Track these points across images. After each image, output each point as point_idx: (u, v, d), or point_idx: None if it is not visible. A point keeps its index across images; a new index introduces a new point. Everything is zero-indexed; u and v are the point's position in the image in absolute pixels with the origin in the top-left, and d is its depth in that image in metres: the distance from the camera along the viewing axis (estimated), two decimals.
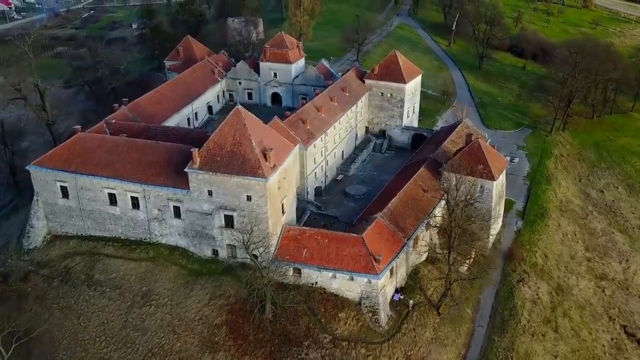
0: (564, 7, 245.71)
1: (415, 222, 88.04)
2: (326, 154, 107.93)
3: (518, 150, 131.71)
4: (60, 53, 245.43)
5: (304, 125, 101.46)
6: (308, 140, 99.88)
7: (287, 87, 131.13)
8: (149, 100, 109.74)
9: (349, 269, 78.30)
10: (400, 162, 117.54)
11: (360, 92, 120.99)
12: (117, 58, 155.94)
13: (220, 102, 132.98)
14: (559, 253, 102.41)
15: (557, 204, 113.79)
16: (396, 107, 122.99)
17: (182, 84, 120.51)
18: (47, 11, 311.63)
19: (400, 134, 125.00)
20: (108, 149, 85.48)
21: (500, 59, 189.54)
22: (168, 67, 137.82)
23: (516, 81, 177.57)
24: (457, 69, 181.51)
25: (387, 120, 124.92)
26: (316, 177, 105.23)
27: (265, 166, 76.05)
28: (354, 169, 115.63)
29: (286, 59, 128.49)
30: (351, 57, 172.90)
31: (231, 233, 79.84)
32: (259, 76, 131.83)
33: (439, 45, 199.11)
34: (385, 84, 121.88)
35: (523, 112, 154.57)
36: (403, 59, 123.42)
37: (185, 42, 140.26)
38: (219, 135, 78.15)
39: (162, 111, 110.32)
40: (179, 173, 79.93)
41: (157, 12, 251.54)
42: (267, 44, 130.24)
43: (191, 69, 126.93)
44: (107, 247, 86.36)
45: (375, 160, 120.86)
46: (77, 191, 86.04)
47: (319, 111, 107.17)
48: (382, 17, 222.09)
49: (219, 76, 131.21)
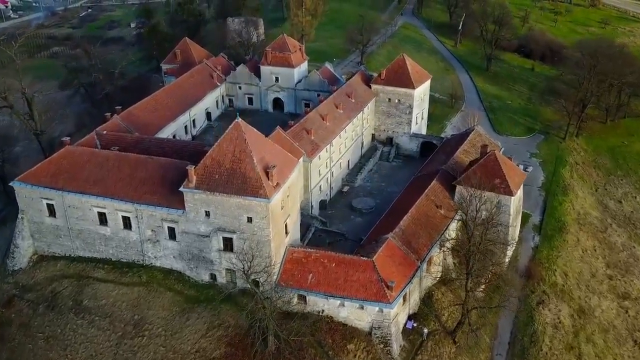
0: (571, 5, 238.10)
1: (428, 241, 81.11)
2: (331, 165, 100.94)
3: (531, 158, 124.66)
4: (57, 53, 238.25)
5: (308, 135, 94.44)
6: (313, 152, 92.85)
7: (290, 92, 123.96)
8: (144, 108, 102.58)
9: (359, 296, 71.27)
10: (409, 171, 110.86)
11: (366, 98, 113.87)
12: (113, 60, 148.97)
13: (220, 108, 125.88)
14: (579, 271, 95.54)
15: (575, 216, 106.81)
16: (404, 113, 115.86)
17: (179, 90, 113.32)
18: (44, 10, 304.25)
19: (409, 141, 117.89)
20: (98, 164, 78.42)
21: (507, 60, 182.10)
22: (165, 70, 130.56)
23: (525, 83, 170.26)
24: (464, 70, 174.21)
25: (395, 127, 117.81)
26: (321, 190, 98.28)
27: (267, 185, 69.04)
28: (360, 179, 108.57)
29: (288, 62, 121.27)
30: (355, 59, 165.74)
31: (230, 257, 72.94)
32: (260, 80, 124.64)
33: (444, 46, 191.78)
34: (393, 89, 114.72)
35: (534, 116, 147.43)
36: (411, 63, 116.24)
37: (183, 44, 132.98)
38: (217, 151, 71.09)
39: (158, 119, 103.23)
40: (174, 191, 72.89)
41: (156, 11, 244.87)
42: (269, 47, 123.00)
43: (189, 73, 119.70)
44: (97, 269, 79.32)
45: (382, 169, 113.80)
46: (64, 209, 79.05)
47: (324, 120, 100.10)
48: (385, 16, 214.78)
49: (218, 80, 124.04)
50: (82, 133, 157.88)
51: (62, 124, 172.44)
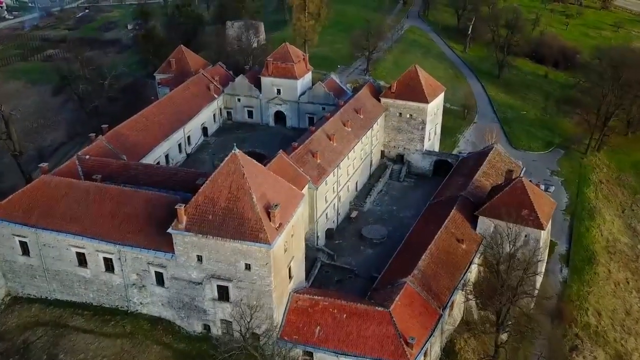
0: (582, 8, 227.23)
1: (450, 283, 70.99)
2: (339, 189, 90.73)
3: (552, 177, 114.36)
4: (51, 56, 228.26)
5: (313, 158, 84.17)
6: (319, 178, 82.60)
7: (293, 105, 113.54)
8: (133, 127, 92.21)
9: (374, 355, 60.94)
10: (422, 192, 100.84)
11: (375, 113, 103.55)
12: (105, 68, 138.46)
13: (217, 122, 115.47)
14: (612, 308, 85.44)
15: (604, 244, 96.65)
16: (416, 129, 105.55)
17: (172, 104, 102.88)
18: (39, 10, 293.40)
19: (421, 159, 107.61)
20: (76, 198, 68.05)
21: (519, 66, 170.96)
22: (159, 80, 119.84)
23: (539, 91, 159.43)
24: (474, 77, 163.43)
25: (406, 143, 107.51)
26: (327, 217, 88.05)
27: (268, 228, 58.82)
28: (370, 202, 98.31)
29: (291, 74, 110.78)
30: (360, 66, 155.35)
31: (226, 308, 62.84)
32: (261, 93, 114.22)
33: (453, 51, 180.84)
34: (404, 103, 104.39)
35: (551, 128, 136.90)
36: (424, 75, 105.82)
37: (178, 52, 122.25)
38: (211, 187, 60.83)
39: (149, 139, 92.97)
40: (162, 231, 62.66)
41: (153, 12, 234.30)
42: (270, 56, 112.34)
43: (183, 85, 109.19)
44: (76, 316, 68.98)
45: (393, 190, 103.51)
46: (39, 248, 68.83)
47: (331, 140, 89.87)
48: (390, 19, 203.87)
49: (216, 92, 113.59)
50: (74, 142, 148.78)
51: (54, 131, 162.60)
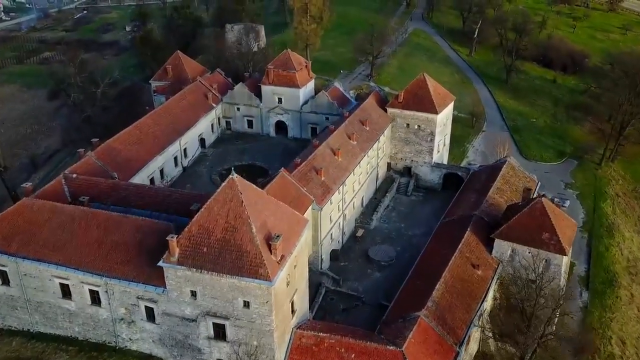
0: (589, 10, 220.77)
1: (466, 315, 64.83)
2: (344, 207, 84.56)
3: (566, 190, 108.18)
4: (47, 59, 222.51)
5: (317, 176, 78.00)
6: (323, 197, 76.40)
7: (294, 115, 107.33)
8: (125, 140, 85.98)
9: None
10: (431, 208, 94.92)
11: (382, 124, 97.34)
12: (99, 73, 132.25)
13: (215, 132, 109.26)
14: (637, 336, 79.54)
15: (625, 264, 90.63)
16: (425, 141, 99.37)
17: (168, 115, 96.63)
18: (37, 11, 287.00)
19: (430, 172, 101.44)
20: (61, 224, 61.86)
21: (527, 71, 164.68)
22: (154, 88, 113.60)
23: (548, 97, 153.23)
24: (481, 82, 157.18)
25: (414, 155, 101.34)
26: (332, 238, 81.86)
27: (269, 262, 52.69)
28: (376, 219, 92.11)
29: (293, 82, 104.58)
30: (364, 71, 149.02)
31: (223, 347, 56.75)
32: (261, 102, 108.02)
33: (458, 55, 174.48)
34: (412, 113, 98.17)
35: (562, 136, 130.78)
36: (433, 84, 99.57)
37: (175, 59, 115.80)
38: (206, 216, 54.68)
39: (142, 153, 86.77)
40: (152, 262, 56.56)
41: (152, 14, 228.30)
42: (271, 64, 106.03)
43: (180, 94, 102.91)
44: (59, 352, 62.61)
45: (400, 205, 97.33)
46: (19, 278, 62.68)
47: (335, 155, 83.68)
48: (394, 21, 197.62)
49: (214, 101, 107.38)
50: (68, 149, 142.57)
51: (49, 138, 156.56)
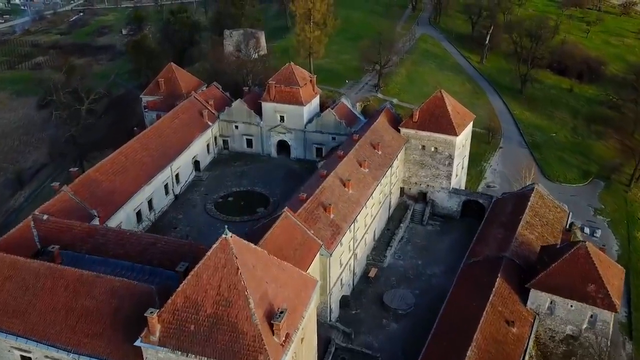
0: (602, 13, 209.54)
1: None
2: (355, 246, 73.77)
3: (596, 217, 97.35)
4: (39, 64, 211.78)
5: (325, 214, 67.12)
6: (333, 239, 65.48)
7: (298, 134, 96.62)
8: (108, 169, 75.07)
9: None
10: (450, 240, 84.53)
11: (395, 147, 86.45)
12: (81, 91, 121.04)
13: (211, 152, 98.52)
14: None
15: None
16: (442, 164, 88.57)
17: (158, 137, 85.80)
18: (32, 14, 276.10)
19: (447, 198, 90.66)
20: (23, 283, 50.94)
21: (541, 79, 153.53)
22: (145, 104, 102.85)
23: (565, 108, 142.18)
24: (494, 92, 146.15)
25: (430, 180, 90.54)
26: (342, 284, 71.04)
27: (271, 346, 41.85)
28: (390, 255, 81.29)
29: (296, 99, 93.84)
30: (370, 80, 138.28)
31: None
32: (262, 119, 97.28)
33: (469, 62, 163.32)
34: (429, 135, 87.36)
35: (585, 153, 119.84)
36: (451, 102, 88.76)
37: (168, 71, 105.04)
38: (193, 285, 43.78)
39: (127, 184, 75.90)
40: (129, 337, 45.82)
41: (148, 18, 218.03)
42: (272, 79, 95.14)
43: (172, 112, 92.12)
44: None
45: (416, 237, 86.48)
46: None
47: (345, 186, 72.79)
48: (400, 26, 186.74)
49: (210, 119, 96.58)
50: (56, 164, 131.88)
51: (37, 150, 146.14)
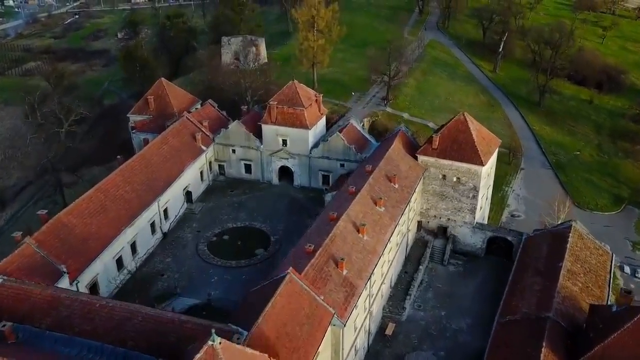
0: (616, 17, 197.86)
1: None
2: (371, 303, 62.25)
3: (635, 252, 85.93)
4: (30, 70, 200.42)
5: (337, 270, 55.56)
6: (347, 304, 53.69)
7: (302, 159, 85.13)
8: (83, 211, 63.39)
9: None
10: (475, 283, 73.71)
11: (413, 177, 74.88)
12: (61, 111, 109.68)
13: (206, 180, 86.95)
14: None
15: None
16: (466, 197, 77.06)
17: (144, 168, 74.13)
18: (25, 17, 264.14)
19: (471, 234, 79.13)
20: None
21: (559, 90, 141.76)
22: (133, 124, 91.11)
23: (587, 122, 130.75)
24: (510, 104, 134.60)
25: (451, 214, 79.01)
26: (356, 350, 59.57)
27: None
28: (409, 305, 69.80)
29: (300, 122, 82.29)
30: (378, 92, 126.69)
31: None
32: (262, 143, 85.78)
33: (481, 71, 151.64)
34: (450, 163, 75.77)
35: (614, 174, 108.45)
36: (476, 126, 77.12)
37: (158, 87, 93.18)
38: None
39: (106, 227, 64.32)
40: None
41: (144, 21, 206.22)
42: (274, 99, 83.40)
43: (161, 137, 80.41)
44: None
45: (437, 280, 74.86)
46: None
47: (359, 232, 61.33)
48: (406, 31, 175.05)
49: (204, 143, 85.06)
50: (41, 181, 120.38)
51: (22, 167, 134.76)
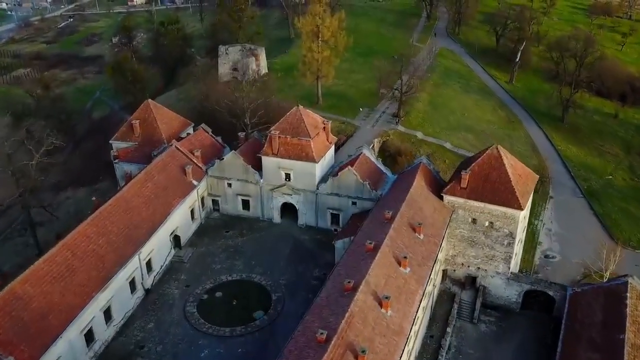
0: (634, 22, 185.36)
1: None
2: None
3: None
4: (19, 78, 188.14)
5: None
6: None
7: (308, 196, 72.41)
8: (44, 275, 50.59)
9: None
10: (512, 348, 61.63)
11: (439, 222, 62.33)
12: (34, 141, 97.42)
13: (197, 219, 74.20)
14: None
15: None
16: (500, 244, 64.54)
17: (122, 214, 61.35)
18: (17, 20, 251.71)
19: (505, 286, 66.57)
20: None
21: (581, 103, 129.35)
22: (115, 153, 78.29)
23: (614, 139, 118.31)
24: (530, 119, 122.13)
25: (482, 262, 66.54)
26: None
27: None
28: None
29: (306, 154, 69.58)
30: (388, 109, 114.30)
31: None
32: (261, 177, 73.19)
33: (496, 82, 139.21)
34: (482, 206, 63.20)
35: None
36: (510, 160, 64.46)
37: (145, 110, 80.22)
38: None
39: (72, 293, 51.64)
40: None
41: (139, 25, 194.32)
42: (275, 128, 70.56)
43: (144, 174, 67.62)
44: None
45: (466, 344, 62.30)
46: None
47: (382, 307, 48.79)
48: (415, 37, 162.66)
49: (195, 177, 72.41)
50: (8, 219, 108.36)
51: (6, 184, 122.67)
